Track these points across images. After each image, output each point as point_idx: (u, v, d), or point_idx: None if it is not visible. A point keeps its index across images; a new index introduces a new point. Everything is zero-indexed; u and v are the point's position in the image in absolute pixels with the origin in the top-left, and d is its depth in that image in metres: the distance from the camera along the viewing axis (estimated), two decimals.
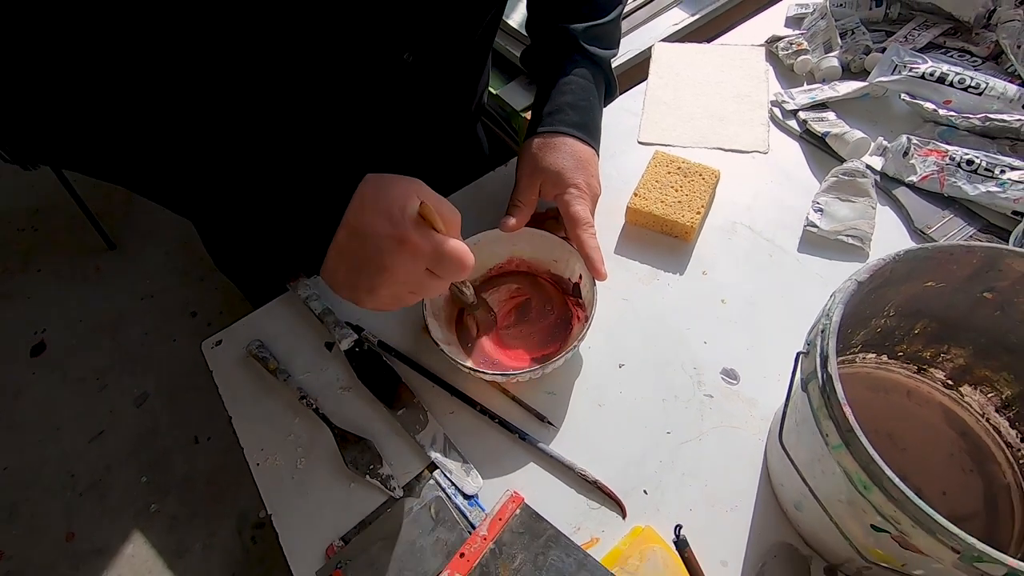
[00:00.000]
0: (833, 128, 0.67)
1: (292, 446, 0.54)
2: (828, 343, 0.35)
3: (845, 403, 0.33)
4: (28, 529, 1.42)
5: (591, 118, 0.62)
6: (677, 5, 1.06)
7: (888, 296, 0.42)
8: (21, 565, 1.37)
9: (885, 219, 0.63)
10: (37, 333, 1.74)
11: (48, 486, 1.47)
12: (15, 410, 1.60)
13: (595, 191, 0.59)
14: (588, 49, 0.63)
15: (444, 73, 0.62)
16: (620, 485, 0.49)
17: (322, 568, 0.47)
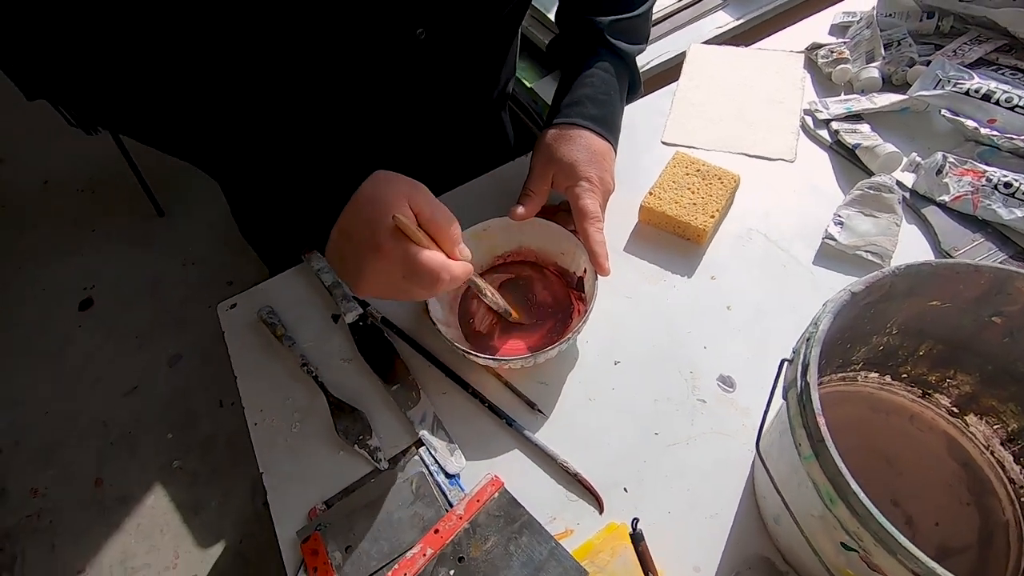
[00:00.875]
0: (865, 140, 0.65)
1: (289, 410, 0.56)
2: (811, 351, 0.34)
3: (819, 412, 0.32)
4: (62, 471, 1.50)
5: (610, 112, 0.61)
6: (722, 8, 1.04)
7: (889, 312, 0.41)
8: (53, 503, 1.46)
9: (909, 238, 0.60)
10: (86, 289, 1.84)
11: (83, 433, 1.56)
12: (62, 359, 1.70)
13: (607, 186, 0.59)
14: (613, 43, 0.62)
15: (461, 53, 0.61)
16: (601, 480, 0.49)
17: (303, 528, 0.49)
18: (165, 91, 0.48)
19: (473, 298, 0.60)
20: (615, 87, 0.62)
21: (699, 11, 1.04)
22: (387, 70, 0.58)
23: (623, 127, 0.68)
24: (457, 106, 0.68)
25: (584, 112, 0.60)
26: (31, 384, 1.66)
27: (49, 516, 1.44)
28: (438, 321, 0.54)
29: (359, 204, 0.43)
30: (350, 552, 0.47)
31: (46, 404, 1.62)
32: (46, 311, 1.81)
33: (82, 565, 1.36)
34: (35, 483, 1.49)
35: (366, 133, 0.63)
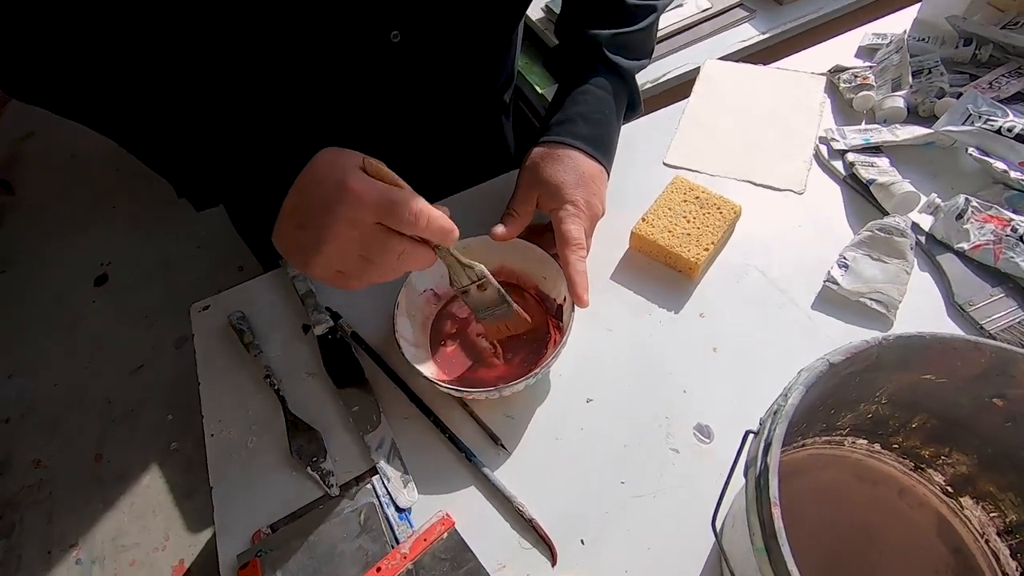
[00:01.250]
0: (881, 176, 0.60)
1: (248, 423, 0.54)
2: (776, 428, 0.30)
3: (776, 502, 0.28)
4: (64, 444, 1.53)
5: (603, 132, 0.58)
6: (748, 21, 0.99)
7: (878, 382, 0.37)
8: (53, 475, 1.49)
9: (920, 287, 0.55)
10: (103, 265, 1.87)
11: (87, 408, 1.59)
12: (74, 333, 1.74)
13: (595, 211, 0.56)
14: (611, 58, 0.59)
15: (443, 59, 0.58)
16: (558, 529, 0.46)
17: (244, 552, 0.47)
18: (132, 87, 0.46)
19: (447, 319, 0.57)
20: (611, 106, 0.59)
21: (724, 23, 0.99)
22: (361, 74, 0.55)
23: (622, 145, 0.64)
24: (443, 113, 0.65)
25: (575, 131, 0.56)
26: (43, 355, 1.69)
27: (49, 487, 1.47)
28: (404, 339, 0.51)
29: (317, 162, 0.41)
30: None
31: (55, 376, 1.65)
32: (63, 284, 1.85)
33: (76, 539, 1.38)
34: (38, 454, 1.52)
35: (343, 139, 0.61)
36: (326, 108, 0.58)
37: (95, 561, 1.35)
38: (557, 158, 0.55)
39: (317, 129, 0.59)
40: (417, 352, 0.53)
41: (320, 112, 0.58)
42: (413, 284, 0.55)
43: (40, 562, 1.35)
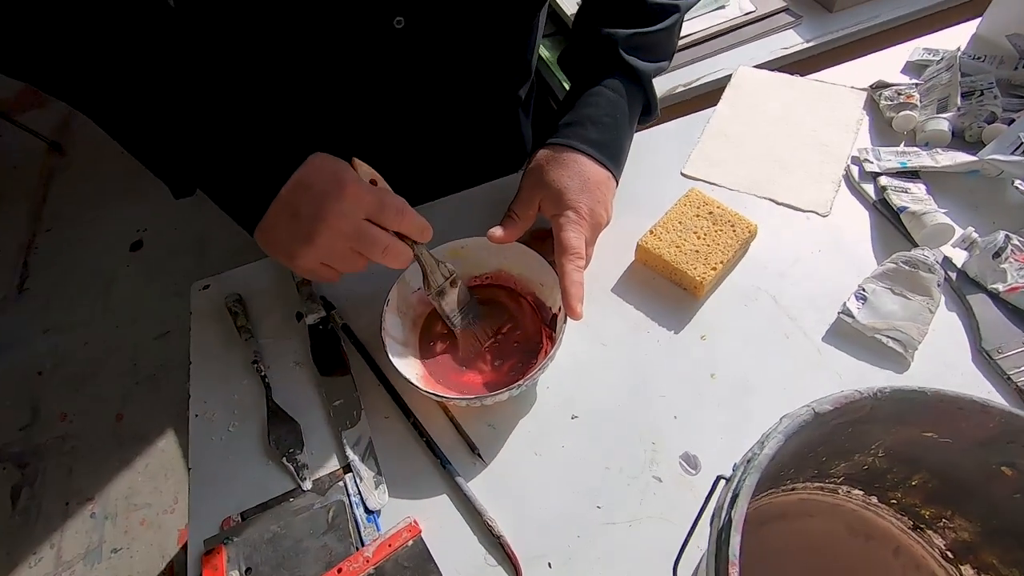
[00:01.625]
0: (914, 204, 0.55)
1: (232, 407, 0.54)
2: (747, 479, 0.28)
3: (734, 562, 0.26)
4: (89, 401, 1.59)
5: (613, 138, 0.55)
6: (794, 27, 0.94)
7: (873, 434, 0.34)
8: (77, 430, 1.55)
9: (945, 327, 0.51)
10: (139, 231, 1.93)
11: (113, 369, 1.64)
12: (107, 294, 1.80)
13: (598, 219, 0.53)
14: (627, 59, 0.56)
15: (451, 48, 0.56)
16: (526, 548, 0.44)
17: (211, 538, 0.47)
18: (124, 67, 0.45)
19: (439, 320, 0.56)
20: (623, 110, 0.56)
21: (767, 27, 0.94)
22: (364, 62, 0.54)
23: (638, 151, 0.62)
24: (452, 106, 0.63)
25: (584, 135, 0.54)
26: (77, 313, 1.76)
27: (72, 441, 1.53)
28: (390, 337, 0.50)
29: (315, 162, 0.44)
30: (249, 574, 0.45)
31: (86, 335, 1.71)
32: (101, 246, 1.91)
33: (92, 493, 1.44)
34: (65, 408, 1.58)
35: (346, 129, 0.60)
36: (329, 97, 0.57)
37: (108, 517, 1.40)
38: (562, 162, 0.53)
39: (318, 120, 0.59)
40: (404, 351, 0.52)
41: (322, 102, 0.57)
42: (407, 281, 0.54)
43: (58, 512, 1.41)
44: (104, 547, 1.35)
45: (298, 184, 0.44)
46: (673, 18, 0.58)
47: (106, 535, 1.37)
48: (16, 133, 2.08)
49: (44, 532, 1.38)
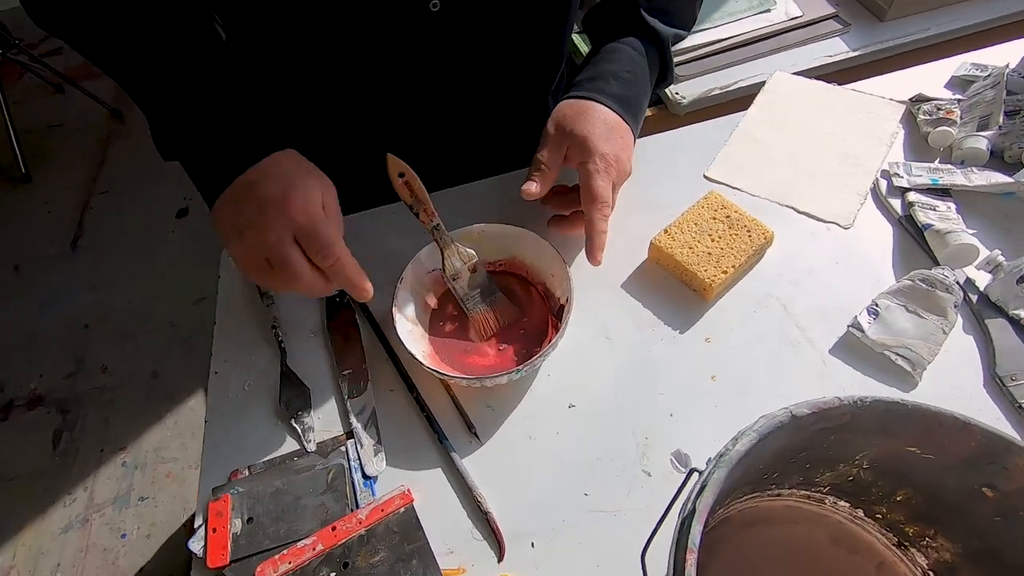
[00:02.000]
0: (939, 222, 0.54)
1: (249, 368, 0.57)
2: (716, 472, 0.29)
3: (693, 549, 0.27)
4: (129, 356, 1.68)
5: (633, 93, 0.56)
6: (840, 35, 0.92)
7: (856, 445, 0.34)
8: (115, 383, 1.63)
9: (959, 350, 0.50)
10: (186, 199, 2.02)
11: (153, 328, 1.73)
12: (152, 257, 1.88)
13: (623, 166, 0.54)
14: (648, 20, 0.57)
15: (486, 31, 0.57)
16: (512, 526, 0.46)
17: (219, 487, 0.50)
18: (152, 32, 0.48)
19: (451, 301, 0.58)
20: (643, 68, 0.57)
21: (812, 34, 0.92)
22: (399, 44, 0.55)
23: (664, 150, 0.62)
24: (483, 91, 0.65)
25: (605, 88, 0.55)
26: (124, 272, 1.85)
27: (111, 393, 1.62)
28: (401, 314, 0.52)
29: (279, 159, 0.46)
30: (250, 524, 0.47)
31: (131, 294, 1.80)
32: (151, 211, 2.00)
33: (125, 443, 1.52)
34: (106, 361, 1.67)
35: (379, 110, 0.61)
36: (361, 79, 0.58)
37: (138, 467, 1.48)
38: (584, 111, 0.54)
39: (348, 101, 0.60)
40: (414, 328, 0.54)
41: (354, 83, 0.59)
42: (421, 261, 0.56)
43: (93, 458, 1.50)
44: (132, 494, 1.43)
45: (252, 175, 0.45)
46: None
47: (135, 483, 1.45)
48: (81, 99, 2.20)
49: (79, 475, 1.47)
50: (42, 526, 1.39)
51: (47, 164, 2.13)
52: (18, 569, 1.33)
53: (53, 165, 2.14)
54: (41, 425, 1.55)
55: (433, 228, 0.52)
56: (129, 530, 1.37)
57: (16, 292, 1.82)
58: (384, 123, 0.63)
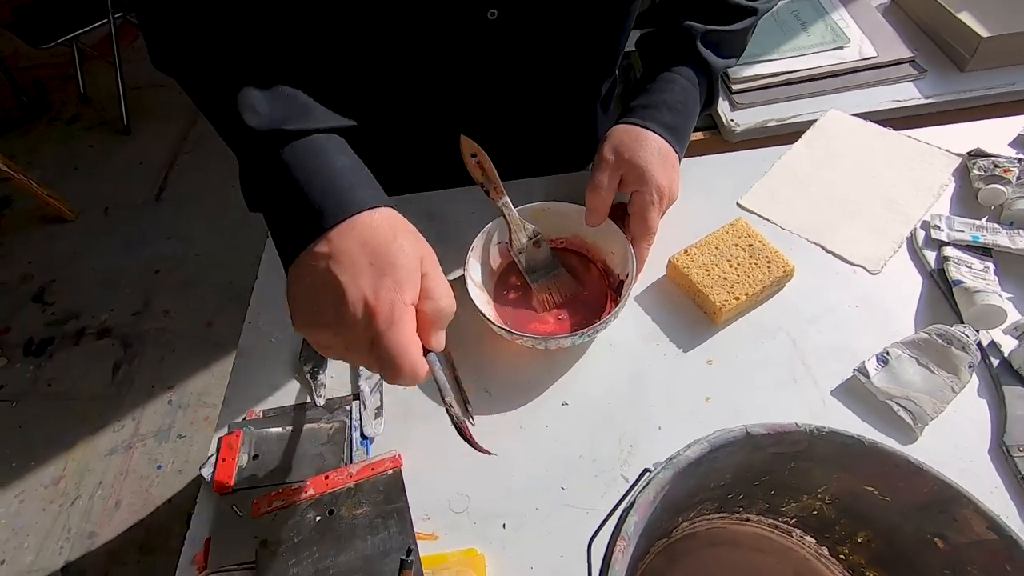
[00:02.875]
0: (971, 280, 0.53)
1: (279, 324, 0.62)
2: (662, 472, 0.30)
3: (624, 537, 0.28)
4: (189, 304, 1.81)
5: (683, 123, 0.59)
6: (914, 80, 0.89)
7: (816, 476, 0.34)
8: (174, 326, 1.77)
9: (969, 411, 0.49)
10: None
11: (214, 282, 1.85)
12: (224, 216, 2.02)
13: (674, 195, 0.58)
14: (702, 52, 0.59)
15: (543, 40, 0.60)
16: (486, 506, 0.48)
17: (234, 423, 0.55)
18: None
19: (515, 272, 0.60)
20: (694, 98, 0.60)
21: (884, 76, 0.90)
22: (457, 51, 0.58)
23: (701, 174, 0.64)
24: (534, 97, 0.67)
25: (660, 118, 0.58)
26: (198, 226, 2.00)
27: (168, 335, 1.75)
28: (472, 281, 0.55)
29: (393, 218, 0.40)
30: (255, 460, 0.52)
31: (200, 248, 1.94)
32: (227, 175, 2.15)
33: (174, 383, 1.64)
34: (169, 306, 1.81)
35: (431, 113, 0.65)
36: (415, 84, 0.62)
37: (181, 407, 1.60)
38: (640, 138, 0.57)
39: (400, 104, 0.64)
40: (480, 294, 0.57)
41: (408, 88, 0.62)
42: (490, 233, 0.59)
43: (144, 392, 1.62)
44: (172, 431, 1.55)
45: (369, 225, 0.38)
46: (749, 20, 0.61)
47: (176, 421, 1.56)
48: None
49: (130, 405, 1.59)
50: (91, 446, 1.52)
51: (146, 120, 2.33)
52: (66, 480, 1.46)
53: (151, 122, 2.33)
54: (105, 355, 1.70)
55: (502, 205, 0.57)
56: (165, 463, 1.49)
57: (102, 233, 2.00)
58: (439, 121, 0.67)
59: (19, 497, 1.44)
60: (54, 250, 1.96)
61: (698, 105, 0.61)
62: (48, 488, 1.45)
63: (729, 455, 0.32)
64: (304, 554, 0.46)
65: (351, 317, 0.35)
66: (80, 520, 1.39)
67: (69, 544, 1.36)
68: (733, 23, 0.60)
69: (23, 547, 1.36)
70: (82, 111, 2.42)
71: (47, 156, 2.26)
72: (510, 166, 0.72)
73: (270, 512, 0.48)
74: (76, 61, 2.34)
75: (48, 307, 1.82)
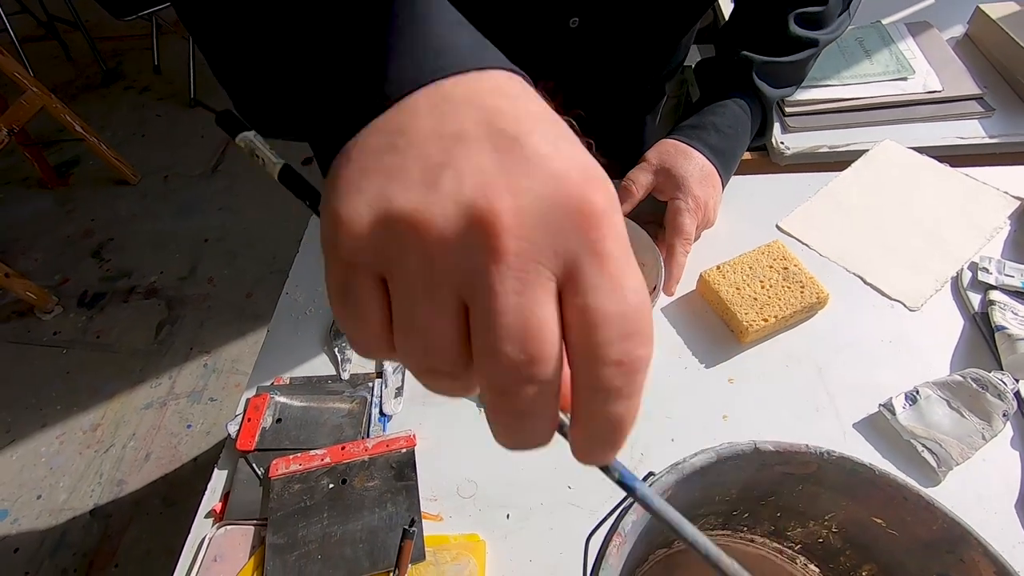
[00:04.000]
0: (1016, 328, 0.51)
1: (314, 297, 0.65)
2: (665, 476, 0.31)
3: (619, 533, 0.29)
4: (232, 275, 1.88)
5: (730, 147, 0.59)
6: (980, 118, 0.86)
7: (823, 502, 0.34)
8: (217, 293, 1.84)
9: (997, 462, 0.47)
10: None
11: (257, 255, 1.92)
12: (274, 193, 2.09)
13: (709, 213, 0.58)
14: (757, 83, 0.59)
15: (620, 47, 0.61)
16: (493, 493, 0.49)
17: (263, 387, 0.57)
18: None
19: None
20: (745, 125, 0.60)
21: (949, 111, 0.87)
22: (537, 58, 0.59)
23: (744, 193, 0.64)
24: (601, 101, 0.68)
25: (707, 139, 0.58)
26: (248, 202, 2.07)
27: (210, 301, 1.82)
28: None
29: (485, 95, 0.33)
30: (278, 424, 0.54)
31: (248, 222, 2.01)
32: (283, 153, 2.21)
33: (210, 348, 1.71)
34: (214, 274, 1.88)
35: None
36: None
37: (215, 371, 1.66)
38: (685, 153, 0.58)
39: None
40: None
41: None
42: None
43: (182, 354, 1.70)
44: (205, 393, 1.61)
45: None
46: (808, 52, 0.60)
47: (209, 384, 1.63)
48: None
49: (168, 364, 1.67)
50: (129, 399, 1.60)
51: (212, 96, 2.43)
52: (103, 428, 1.54)
53: (217, 98, 2.43)
54: (150, 314, 1.78)
55: None
56: (195, 423, 1.55)
57: (160, 198, 2.10)
58: None
59: (60, 439, 1.52)
60: (115, 210, 2.07)
61: (748, 132, 0.61)
62: (86, 434, 1.54)
63: (736, 469, 0.32)
64: (314, 518, 0.48)
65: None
66: (112, 467, 1.47)
67: (100, 488, 1.43)
68: (792, 55, 0.60)
69: (58, 486, 1.44)
70: (154, 82, 2.54)
71: (118, 121, 2.39)
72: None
73: (287, 475, 0.50)
74: (154, 35, 2.46)
75: (104, 263, 1.92)
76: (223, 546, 0.48)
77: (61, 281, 1.87)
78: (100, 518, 1.39)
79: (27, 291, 1.69)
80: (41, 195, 2.13)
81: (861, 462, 0.30)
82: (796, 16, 0.58)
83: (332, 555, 0.46)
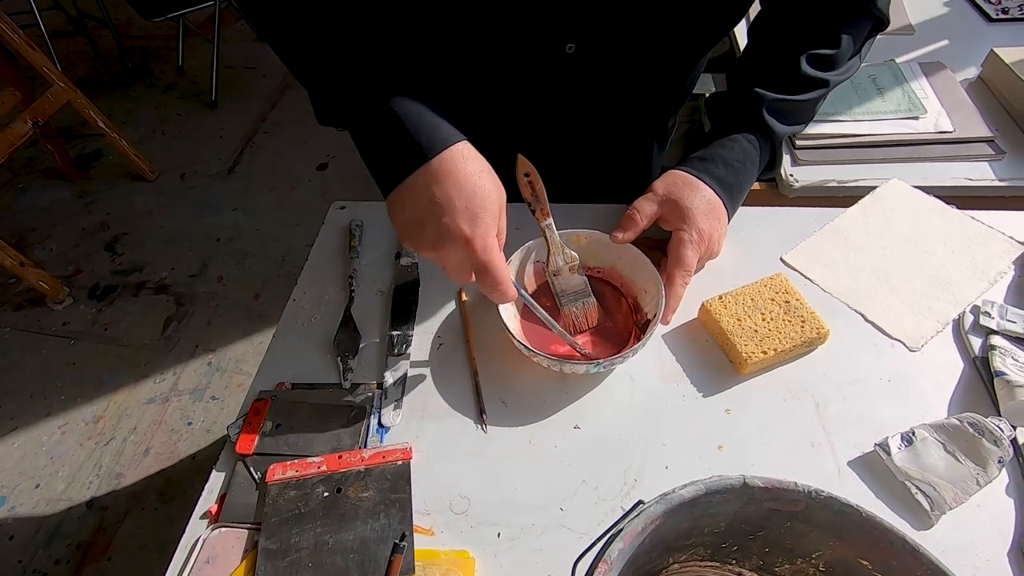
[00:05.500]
0: (1015, 374, 0.51)
1: (321, 305, 0.66)
2: (653, 507, 0.31)
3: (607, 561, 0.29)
4: (241, 275, 1.90)
5: (737, 181, 0.60)
6: (990, 160, 0.86)
7: (811, 540, 0.34)
8: (225, 292, 1.85)
9: (991, 508, 0.47)
10: (328, 156, 2.25)
11: (268, 257, 1.94)
12: (288, 197, 2.12)
13: (712, 246, 0.59)
14: (767, 119, 0.60)
15: (618, 75, 0.61)
16: (485, 512, 0.50)
17: (265, 391, 0.58)
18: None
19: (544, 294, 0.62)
20: (753, 160, 0.60)
21: (959, 152, 0.87)
22: (533, 83, 0.61)
23: (750, 224, 0.64)
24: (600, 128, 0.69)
25: (714, 172, 0.59)
26: (261, 205, 2.10)
27: (218, 300, 1.84)
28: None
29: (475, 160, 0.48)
30: (277, 429, 0.55)
31: (260, 222, 2.04)
32: (296, 159, 2.25)
33: (216, 347, 1.72)
34: (223, 273, 1.90)
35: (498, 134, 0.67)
36: (489, 110, 0.64)
37: (219, 370, 1.67)
38: (692, 185, 0.59)
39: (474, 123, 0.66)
40: (508, 308, 0.58)
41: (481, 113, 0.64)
42: (529, 251, 0.61)
43: (187, 351, 1.71)
44: (207, 392, 1.62)
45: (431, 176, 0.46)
46: (819, 92, 0.61)
47: (212, 383, 1.64)
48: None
49: (173, 361, 1.68)
50: (132, 392, 1.61)
51: (233, 98, 2.47)
52: (105, 420, 1.56)
53: (236, 100, 2.47)
54: (159, 309, 1.80)
55: (545, 226, 0.58)
56: (196, 420, 1.56)
57: (176, 195, 2.13)
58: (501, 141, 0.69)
59: (62, 429, 1.54)
60: (132, 205, 2.10)
61: (756, 167, 0.62)
62: (88, 425, 1.55)
63: (724, 502, 0.32)
64: (307, 525, 0.49)
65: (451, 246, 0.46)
66: (111, 460, 1.48)
67: (98, 481, 1.44)
68: (803, 93, 0.60)
69: (57, 475, 1.45)
70: (177, 81, 2.59)
71: (139, 118, 2.43)
72: (560, 190, 0.74)
73: (283, 480, 0.51)
74: (180, 36, 2.52)
75: (117, 257, 1.95)
76: (216, 548, 0.48)
77: (74, 272, 1.90)
78: (96, 510, 1.40)
79: (40, 281, 1.72)
80: (61, 187, 2.16)
81: (848, 503, 0.30)
82: (808, 57, 0.58)
83: (323, 563, 0.47)
